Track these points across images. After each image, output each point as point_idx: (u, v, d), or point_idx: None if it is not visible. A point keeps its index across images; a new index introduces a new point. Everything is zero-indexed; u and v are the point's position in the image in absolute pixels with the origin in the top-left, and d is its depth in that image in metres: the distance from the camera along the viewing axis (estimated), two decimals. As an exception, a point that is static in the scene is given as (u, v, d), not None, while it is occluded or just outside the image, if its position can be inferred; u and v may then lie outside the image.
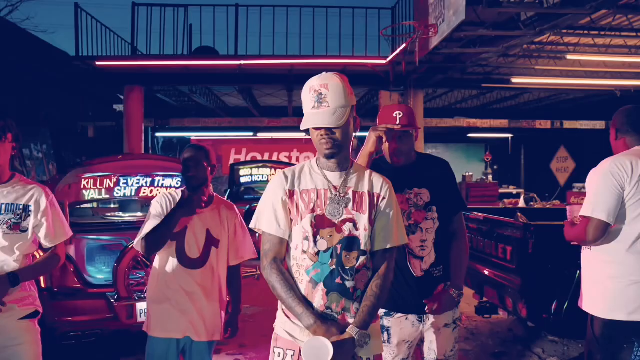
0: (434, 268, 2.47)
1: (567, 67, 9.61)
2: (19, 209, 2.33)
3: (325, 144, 1.85)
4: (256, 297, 5.84)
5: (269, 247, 1.89)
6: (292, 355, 1.88)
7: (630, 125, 2.44)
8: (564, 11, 5.84)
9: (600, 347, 2.36)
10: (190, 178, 2.70)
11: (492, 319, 5.28)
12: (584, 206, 2.38)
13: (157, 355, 2.66)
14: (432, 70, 9.72)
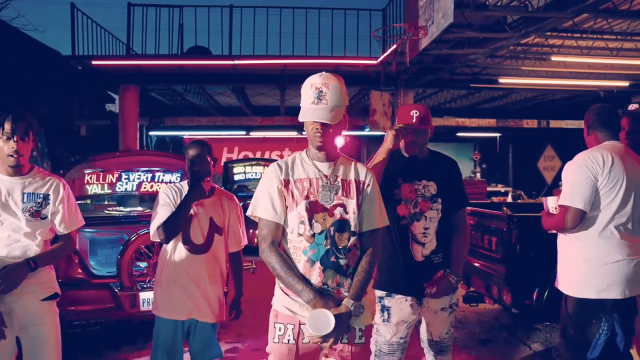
0: (434, 255, 2.66)
1: (552, 68, 9.90)
2: (39, 198, 2.50)
3: (319, 137, 2.05)
4: (252, 289, 6.00)
5: (266, 232, 2.08)
6: (292, 328, 2.07)
7: (600, 122, 2.67)
8: (547, 15, 6.10)
9: (573, 323, 2.58)
10: (196, 172, 2.88)
11: (479, 309, 5.52)
12: (561, 196, 2.59)
13: (163, 334, 2.85)
14: (422, 70, 9.96)
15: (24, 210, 2.46)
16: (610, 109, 2.74)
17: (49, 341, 2.53)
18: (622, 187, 2.47)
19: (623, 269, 2.47)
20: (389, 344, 2.72)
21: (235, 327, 4.93)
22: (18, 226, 2.45)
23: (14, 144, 2.39)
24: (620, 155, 2.53)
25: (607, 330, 2.49)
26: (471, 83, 11.36)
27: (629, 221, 2.49)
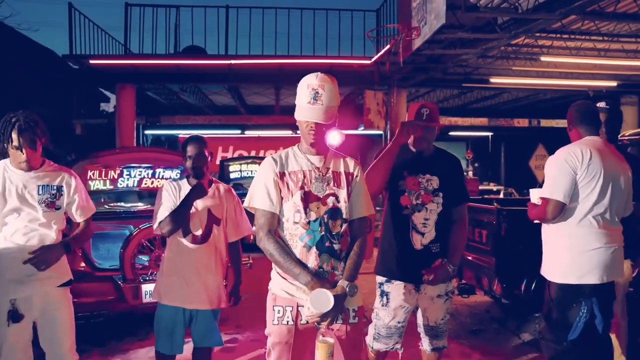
0: (433, 244, 2.83)
1: (542, 68, 10.10)
2: (53, 190, 2.65)
3: (313, 135, 2.20)
4: (249, 284, 6.15)
5: (263, 221, 2.21)
6: (290, 310, 2.21)
7: (580, 119, 2.84)
8: (536, 16, 6.28)
9: (555, 307, 2.76)
10: (196, 167, 3.03)
11: (471, 302, 5.69)
12: (543, 189, 2.75)
13: (164, 320, 2.99)
14: (415, 70, 10.11)
15: (39, 202, 2.60)
16: (590, 106, 2.91)
17: (65, 325, 2.69)
18: (600, 180, 2.63)
19: (601, 256, 2.65)
20: (387, 327, 2.88)
21: (234, 319, 5.07)
22: (35, 217, 2.59)
23: (23, 155, 2.53)
24: (599, 149, 2.70)
25: (586, 313, 2.66)
26: (463, 83, 11.54)
27: (607, 212, 2.66)
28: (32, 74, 11.70)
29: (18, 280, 2.56)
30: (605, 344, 2.82)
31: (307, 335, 2.22)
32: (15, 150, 2.52)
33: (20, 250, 2.56)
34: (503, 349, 4.34)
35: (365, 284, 3.01)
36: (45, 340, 2.66)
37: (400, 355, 2.99)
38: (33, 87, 11.66)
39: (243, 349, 4.39)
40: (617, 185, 2.69)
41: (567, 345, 2.74)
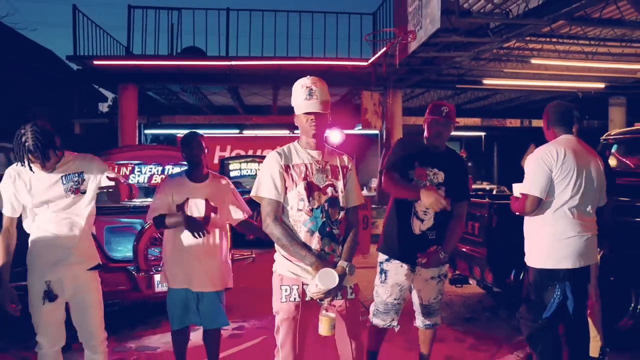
0: (430, 232, 3.13)
1: (533, 70, 10.38)
2: (75, 177, 2.84)
3: (314, 126, 2.47)
4: (253, 277, 6.45)
5: (270, 209, 2.47)
6: (297, 289, 2.48)
7: (555, 119, 3.12)
8: (526, 22, 6.57)
9: (533, 289, 3.05)
10: (195, 157, 3.32)
11: (465, 293, 5.98)
12: (523, 186, 3.04)
13: (176, 300, 3.34)
14: (411, 71, 10.36)
15: (66, 190, 2.80)
16: (565, 106, 3.19)
17: (95, 305, 2.92)
18: (574, 176, 2.92)
19: (576, 244, 2.94)
20: (385, 304, 3.17)
21: (241, 310, 5.33)
22: (63, 205, 2.81)
23: (42, 169, 2.71)
24: (573, 148, 2.99)
25: (560, 294, 2.95)
26: (457, 84, 11.79)
27: (581, 204, 2.95)
28: (31, 74, 11.82)
29: (51, 264, 2.79)
30: (577, 324, 3.10)
31: (311, 311, 2.49)
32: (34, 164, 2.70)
33: (52, 237, 2.79)
34: (495, 335, 4.62)
35: (363, 278, 3.30)
36: (77, 319, 2.90)
37: (396, 331, 3.29)
38: (31, 87, 11.78)
39: (250, 335, 4.65)
40: (590, 180, 2.98)
41: (542, 324, 3.02)
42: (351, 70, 10.55)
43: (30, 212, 2.83)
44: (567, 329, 3.07)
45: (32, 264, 2.83)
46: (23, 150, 2.60)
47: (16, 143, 2.62)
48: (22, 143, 2.59)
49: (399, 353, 3.96)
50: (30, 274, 2.83)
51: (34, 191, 2.77)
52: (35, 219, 2.84)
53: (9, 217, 2.80)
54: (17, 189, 2.77)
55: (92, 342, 2.93)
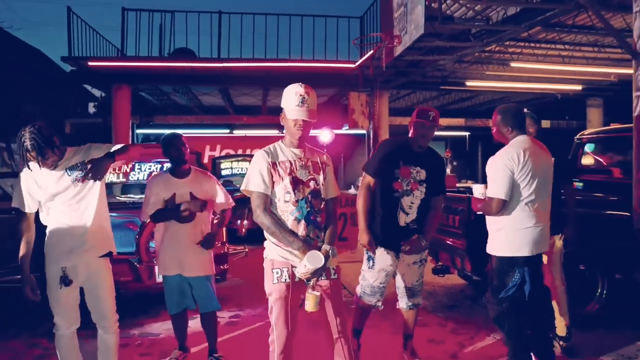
0: (412, 223, 3.52)
1: (514, 73, 10.78)
2: (77, 167, 3.07)
3: (301, 131, 2.76)
4: (246, 271, 6.77)
5: (259, 201, 2.75)
6: (286, 271, 2.77)
7: (510, 120, 3.37)
8: (505, 28, 6.96)
9: (496, 275, 3.37)
10: (176, 157, 3.68)
11: (447, 284, 6.34)
12: (489, 189, 3.29)
13: (172, 285, 3.72)
14: (397, 74, 10.71)
15: (73, 181, 3.04)
16: (518, 108, 3.51)
17: (106, 289, 3.18)
18: (533, 175, 3.23)
19: (532, 234, 3.27)
20: (371, 287, 3.53)
21: (236, 300, 5.63)
22: (72, 195, 3.05)
23: (44, 167, 2.95)
24: (530, 148, 3.29)
25: (518, 278, 3.28)
26: (441, 85, 12.15)
27: (537, 198, 3.27)
28: (21, 74, 11.93)
29: (66, 251, 3.04)
30: (536, 305, 3.40)
31: (299, 291, 2.80)
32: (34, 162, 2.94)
33: (66, 228, 3.05)
34: (474, 320, 4.96)
35: (350, 272, 3.64)
36: (91, 301, 3.17)
37: (380, 309, 3.68)
38: (21, 87, 11.88)
39: (245, 322, 4.95)
40: (544, 176, 3.31)
41: (506, 307, 3.34)
42: (339, 72, 10.87)
43: (45, 206, 3.10)
44: (528, 310, 3.41)
45: (49, 252, 3.10)
46: (23, 149, 2.86)
47: (18, 144, 2.88)
48: (22, 143, 2.85)
49: (385, 337, 4.28)
50: (48, 262, 3.09)
51: (44, 187, 3.03)
52: (50, 212, 3.10)
53: (26, 213, 3.07)
54: (30, 187, 3.04)
55: (105, 323, 3.20)
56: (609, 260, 4.72)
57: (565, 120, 16.15)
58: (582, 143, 6.64)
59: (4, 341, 4.38)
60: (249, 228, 9.06)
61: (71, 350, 3.15)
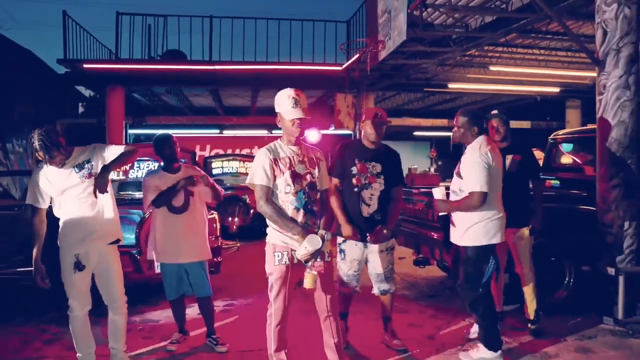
0: (375, 214, 3.90)
1: (494, 76, 11.24)
2: (84, 165, 3.41)
3: (299, 129, 3.14)
4: (237, 264, 7.11)
5: (262, 193, 3.12)
6: (286, 254, 3.14)
7: (478, 121, 3.78)
8: (482, 34, 7.37)
9: (472, 264, 3.71)
10: (169, 155, 4.05)
11: (429, 276, 6.73)
12: (469, 184, 3.59)
13: (169, 273, 4.08)
14: (381, 76, 11.08)
15: (80, 177, 3.37)
16: (480, 111, 3.95)
17: (115, 273, 3.53)
18: (496, 169, 3.64)
19: (499, 223, 3.68)
20: (347, 275, 3.94)
21: (229, 290, 5.96)
22: (81, 190, 3.37)
23: (52, 165, 3.28)
24: (491, 145, 3.72)
25: (493, 264, 3.67)
26: (424, 87, 12.54)
27: (498, 191, 3.69)
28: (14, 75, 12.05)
29: (79, 240, 3.37)
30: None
31: (296, 272, 3.16)
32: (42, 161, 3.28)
33: (77, 219, 3.38)
34: (452, 307, 5.32)
35: None
36: (101, 284, 3.51)
37: (358, 291, 4.07)
38: (16, 88, 12.01)
39: (239, 310, 5.29)
40: (500, 170, 3.71)
41: (483, 292, 3.72)
42: (326, 74, 11.23)
43: (56, 201, 3.42)
44: None
45: (63, 241, 3.42)
46: (32, 150, 3.21)
47: (28, 145, 3.24)
48: (31, 144, 3.21)
49: (370, 322, 4.63)
50: (62, 250, 3.41)
51: (55, 183, 3.36)
52: (61, 206, 3.43)
53: (39, 208, 3.39)
54: (42, 185, 3.36)
55: (115, 304, 3.53)
56: (576, 251, 5.10)
57: (546, 121, 16.68)
58: (556, 143, 7.08)
59: (14, 327, 4.66)
60: (240, 225, 9.42)
61: (84, 329, 3.47)
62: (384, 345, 4.12)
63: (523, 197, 4.43)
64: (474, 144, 3.75)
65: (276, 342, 3.18)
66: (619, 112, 4.90)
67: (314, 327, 3.49)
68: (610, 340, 4.30)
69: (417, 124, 16.02)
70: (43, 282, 3.31)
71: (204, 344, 4.16)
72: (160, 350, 4.12)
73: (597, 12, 5.02)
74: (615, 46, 4.88)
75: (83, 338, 3.48)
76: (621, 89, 4.88)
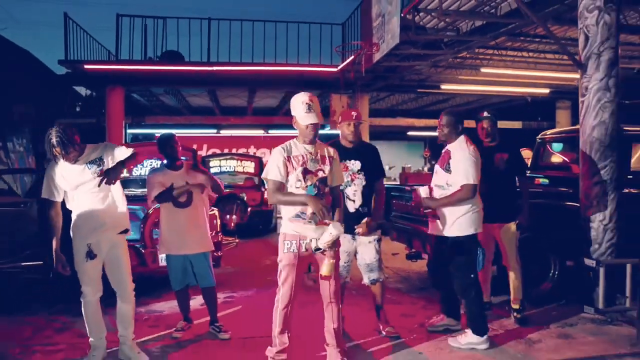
0: (361, 208, 4.17)
1: (485, 77, 11.51)
2: (96, 162, 3.64)
3: (313, 133, 3.43)
4: (236, 259, 7.36)
5: (274, 187, 3.41)
6: (295, 243, 3.42)
7: (460, 123, 4.11)
8: (472, 38, 7.65)
9: (463, 252, 4.00)
10: (171, 153, 4.31)
11: (420, 270, 6.99)
12: (462, 178, 3.90)
13: (177, 265, 4.33)
14: (376, 78, 11.33)
15: (92, 174, 3.60)
16: (460, 111, 4.27)
17: (124, 260, 3.77)
18: (479, 165, 3.95)
19: (480, 214, 4.01)
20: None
21: (230, 284, 6.20)
22: (92, 185, 3.60)
23: (67, 161, 3.51)
24: (473, 144, 4.04)
25: (481, 252, 3.98)
26: (418, 88, 12.82)
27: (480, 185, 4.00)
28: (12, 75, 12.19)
29: (90, 231, 3.61)
30: None
31: (302, 261, 3.46)
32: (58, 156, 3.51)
33: (89, 211, 3.62)
34: (442, 298, 5.60)
35: None
36: (111, 271, 3.74)
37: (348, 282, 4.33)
38: (14, 88, 12.15)
39: (239, 301, 5.53)
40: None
41: (474, 277, 4.02)
42: (322, 75, 11.47)
43: (70, 195, 3.66)
44: None
45: (76, 232, 3.65)
46: (50, 145, 3.44)
47: (46, 141, 3.46)
48: (49, 140, 3.43)
49: (364, 314, 4.86)
50: (75, 240, 3.65)
51: (68, 179, 3.59)
52: (74, 199, 3.66)
53: (54, 202, 3.63)
54: (56, 179, 3.60)
55: (123, 292, 3.76)
56: (561, 245, 5.38)
57: (537, 121, 17.01)
58: (544, 142, 7.37)
59: (24, 317, 4.88)
60: (237, 222, 9.68)
61: (96, 314, 3.71)
62: (377, 333, 4.37)
63: (510, 193, 4.72)
64: (459, 142, 4.05)
65: (281, 324, 3.46)
66: (600, 112, 5.17)
67: (317, 317, 3.75)
68: (590, 328, 4.58)
69: (410, 124, 16.29)
70: (64, 270, 3.55)
71: (208, 331, 4.39)
72: (166, 337, 4.35)
73: (579, 18, 5.29)
74: (596, 50, 5.16)
75: (95, 323, 3.71)
76: (602, 91, 5.16)
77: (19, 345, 4.11)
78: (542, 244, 5.35)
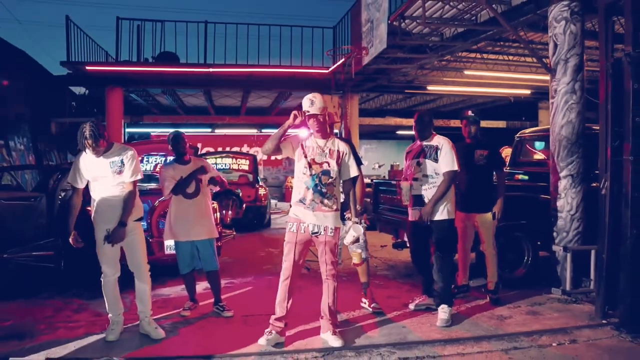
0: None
1: (469, 79, 12.05)
2: (118, 163, 4.05)
3: (316, 126, 3.95)
4: (234, 251, 7.82)
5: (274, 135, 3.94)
6: (295, 225, 3.95)
7: (432, 120, 4.75)
8: (454, 43, 8.17)
9: (446, 233, 4.53)
10: (180, 148, 4.79)
11: (406, 260, 7.48)
12: (449, 165, 4.46)
13: (185, 251, 4.79)
14: (365, 79, 11.80)
15: (113, 172, 4.03)
16: (431, 112, 4.83)
17: (140, 244, 4.19)
18: None
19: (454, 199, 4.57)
20: None
21: (229, 272, 6.66)
22: (110, 181, 4.04)
23: (94, 153, 3.91)
24: None
25: (456, 233, 4.55)
26: (405, 89, 13.30)
27: None
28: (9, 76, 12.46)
29: (109, 218, 4.03)
30: None
31: (304, 242, 3.98)
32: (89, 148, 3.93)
33: (108, 200, 4.04)
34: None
35: None
36: (128, 254, 4.17)
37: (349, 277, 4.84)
38: (11, 88, 12.43)
39: (239, 287, 5.99)
40: None
41: (453, 255, 4.57)
42: (314, 76, 11.93)
43: (91, 186, 4.11)
44: None
45: (96, 218, 4.09)
46: (83, 137, 3.86)
47: (79, 133, 3.89)
48: (82, 133, 3.86)
49: (353, 294, 5.35)
50: (96, 225, 4.09)
51: (91, 171, 4.04)
52: (95, 189, 4.11)
53: (77, 188, 4.08)
54: (81, 169, 4.04)
55: (139, 273, 4.19)
56: (534, 234, 5.90)
57: (521, 121, 17.60)
58: (522, 140, 7.93)
59: (43, 300, 5.30)
60: (233, 217, 10.13)
61: (114, 292, 4.16)
62: (364, 310, 4.86)
63: (488, 186, 5.25)
64: (437, 138, 4.59)
65: (283, 293, 3.98)
66: (567, 113, 5.71)
67: (313, 298, 4.25)
68: (557, 306, 5.11)
69: (399, 124, 16.81)
70: (77, 243, 3.95)
71: (212, 311, 4.85)
72: (175, 315, 4.80)
73: (549, 27, 5.83)
74: (564, 57, 5.70)
75: (114, 300, 4.15)
76: (569, 94, 5.70)
77: (43, 322, 4.54)
78: (516, 232, 5.86)
